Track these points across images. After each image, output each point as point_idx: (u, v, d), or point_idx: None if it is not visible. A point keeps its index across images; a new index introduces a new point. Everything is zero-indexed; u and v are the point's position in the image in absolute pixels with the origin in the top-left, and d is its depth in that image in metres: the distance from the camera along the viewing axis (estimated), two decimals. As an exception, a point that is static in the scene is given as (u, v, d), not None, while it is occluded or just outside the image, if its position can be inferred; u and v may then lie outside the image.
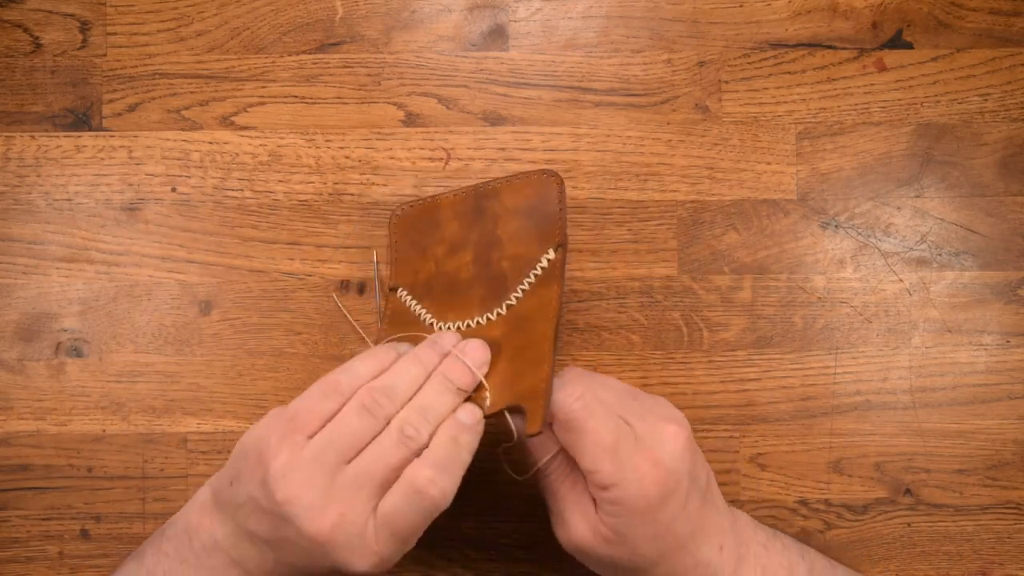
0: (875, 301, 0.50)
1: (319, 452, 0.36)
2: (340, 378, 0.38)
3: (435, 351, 0.40)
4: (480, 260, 0.45)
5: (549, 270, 0.43)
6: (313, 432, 0.37)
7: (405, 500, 0.36)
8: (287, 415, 0.37)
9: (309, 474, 0.35)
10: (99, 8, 0.51)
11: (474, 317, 0.43)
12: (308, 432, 0.36)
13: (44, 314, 0.50)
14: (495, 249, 0.45)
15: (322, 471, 0.35)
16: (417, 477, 0.36)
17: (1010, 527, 0.49)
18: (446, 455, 0.37)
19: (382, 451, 0.36)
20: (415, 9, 0.51)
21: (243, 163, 0.50)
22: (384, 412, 0.37)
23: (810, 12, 0.51)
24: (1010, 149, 0.51)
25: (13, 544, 0.49)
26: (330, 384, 0.38)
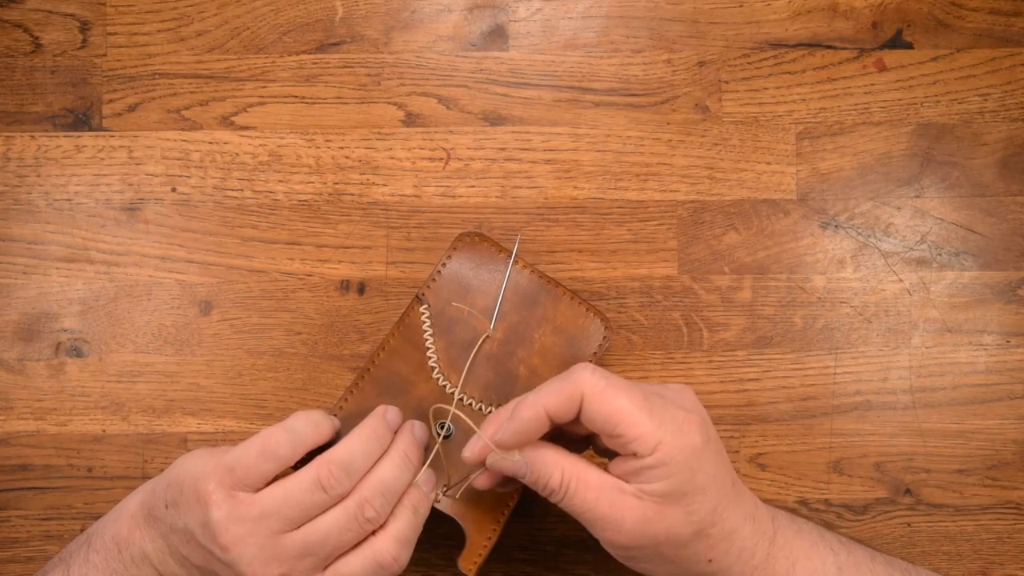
0: (875, 301, 0.50)
1: (265, 515, 0.36)
2: (281, 439, 0.37)
3: (385, 425, 0.40)
4: (506, 345, 0.44)
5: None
6: (254, 488, 0.37)
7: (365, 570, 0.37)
8: (226, 463, 0.37)
9: (253, 531, 0.36)
10: (99, 8, 0.51)
11: (471, 396, 0.44)
12: (248, 488, 0.36)
13: (44, 314, 0.50)
14: (524, 346, 0.44)
15: (267, 532, 0.36)
16: (383, 552, 0.37)
17: (1010, 527, 0.49)
18: (408, 528, 0.38)
19: (336, 528, 0.36)
20: (415, 9, 0.51)
21: (243, 163, 0.50)
22: (339, 490, 0.37)
23: (810, 12, 0.51)
24: (1010, 149, 0.51)
25: (13, 544, 0.49)
26: (270, 443, 0.37)
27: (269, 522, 0.36)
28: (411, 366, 0.44)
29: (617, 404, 0.36)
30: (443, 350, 0.44)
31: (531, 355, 0.44)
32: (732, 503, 0.38)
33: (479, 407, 0.43)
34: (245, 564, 0.35)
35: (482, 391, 0.44)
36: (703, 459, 0.36)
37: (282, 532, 0.36)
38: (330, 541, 0.36)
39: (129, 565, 0.39)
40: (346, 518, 0.36)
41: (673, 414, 0.36)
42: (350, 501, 0.37)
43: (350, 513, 0.37)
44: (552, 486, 0.37)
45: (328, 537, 0.36)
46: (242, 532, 0.35)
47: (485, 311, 0.45)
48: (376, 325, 0.50)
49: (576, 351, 0.45)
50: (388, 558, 0.37)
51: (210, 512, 0.36)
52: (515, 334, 0.45)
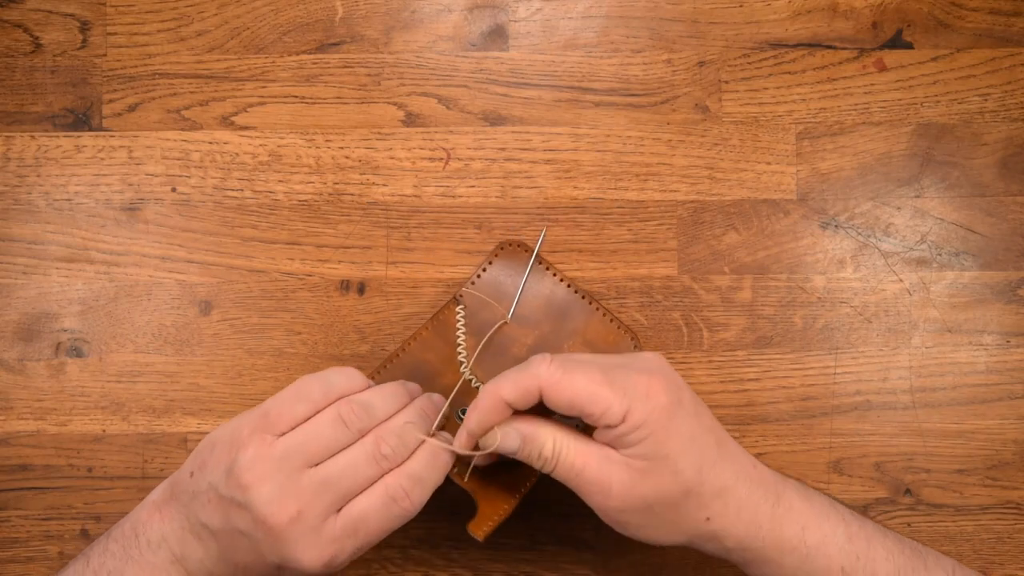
0: (875, 301, 0.50)
1: (288, 452, 0.36)
2: (314, 385, 0.39)
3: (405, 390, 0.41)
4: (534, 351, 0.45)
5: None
6: (282, 431, 0.37)
7: (378, 506, 0.37)
8: (260, 411, 0.38)
9: (275, 469, 0.36)
10: (99, 8, 0.51)
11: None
12: (279, 431, 0.37)
13: (44, 314, 0.50)
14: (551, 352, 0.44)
15: (287, 468, 0.36)
16: (395, 486, 0.37)
17: (1010, 527, 0.49)
18: (422, 468, 0.38)
19: (354, 463, 0.37)
20: (415, 9, 0.51)
21: (243, 163, 0.50)
22: (359, 426, 0.38)
23: (810, 12, 0.51)
24: (1010, 149, 0.51)
25: (13, 544, 0.49)
26: (304, 389, 0.39)
27: (291, 459, 0.36)
28: (440, 358, 0.45)
29: (575, 388, 0.37)
30: (472, 347, 0.45)
31: None
32: (721, 461, 0.38)
33: None
34: (263, 503, 0.35)
35: None
36: (676, 419, 0.37)
37: (302, 468, 0.36)
38: (346, 477, 0.37)
39: (145, 550, 0.38)
40: (363, 455, 0.37)
41: (635, 380, 0.37)
42: (368, 438, 0.38)
43: (367, 450, 0.37)
44: (545, 455, 0.38)
45: (344, 472, 0.37)
46: (264, 470, 0.36)
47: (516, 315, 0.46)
48: (376, 325, 0.50)
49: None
50: (399, 491, 0.37)
51: (238, 455, 0.36)
52: (545, 342, 0.46)
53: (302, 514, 0.36)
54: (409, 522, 0.49)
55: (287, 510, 0.36)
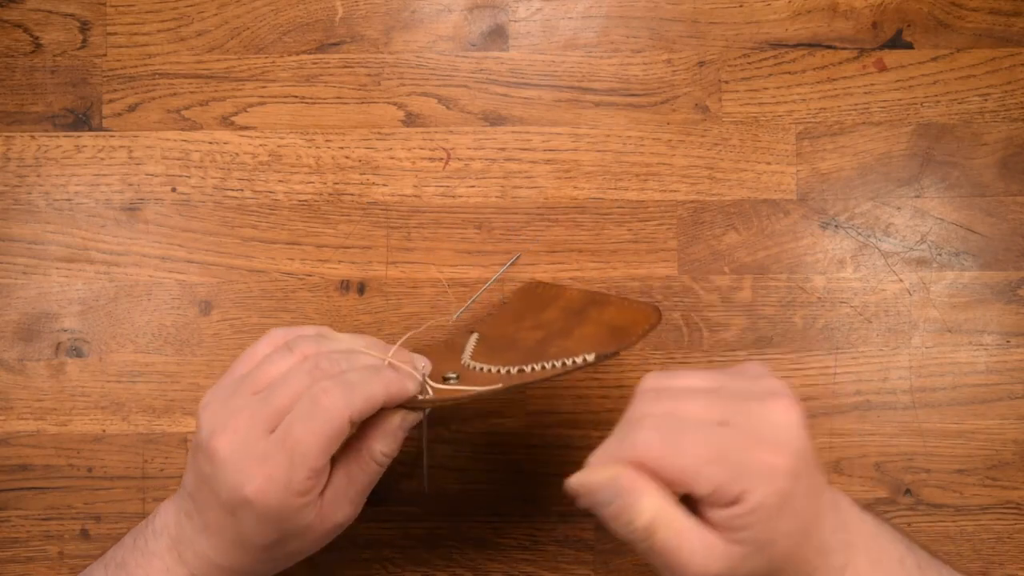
0: (875, 301, 0.50)
1: (237, 383, 0.36)
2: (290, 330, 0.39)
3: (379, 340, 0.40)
4: (544, 341, 0.43)
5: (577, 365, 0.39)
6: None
7: (299, 409, 0.35)
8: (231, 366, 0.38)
9: (221, 399, 0.36)
10: (99, 8, 0.51)
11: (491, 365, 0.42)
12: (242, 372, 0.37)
13: (44, 314, 0.50)
14: (560, 338, 0.43)
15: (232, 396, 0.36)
16: (315, 387, 0.35)
17: (1010, 527, 0.49)
18: (356, 377, 0.35)
19: (288, 377, 0.36)
20: (415, 9, 0.51)
21: (243, 163, 0.50)
22: (305, 351, 0.36)
23: (810, 12, 0.51)
24: (1010, 149, 0.51)
25: (13, 544, 0.49)
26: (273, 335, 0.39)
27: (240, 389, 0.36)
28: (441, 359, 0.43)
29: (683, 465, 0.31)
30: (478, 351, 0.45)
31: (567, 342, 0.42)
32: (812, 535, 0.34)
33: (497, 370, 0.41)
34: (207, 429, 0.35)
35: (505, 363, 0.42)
36: (793, 501, 0.32)
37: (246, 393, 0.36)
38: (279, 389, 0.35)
39: (151, 538, 0.38)
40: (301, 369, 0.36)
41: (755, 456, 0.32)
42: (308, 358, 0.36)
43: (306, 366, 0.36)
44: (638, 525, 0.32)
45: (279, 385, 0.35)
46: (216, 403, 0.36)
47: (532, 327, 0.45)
48: (376, 325, 0.50)
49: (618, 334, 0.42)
50: (318, 390, 0.34)
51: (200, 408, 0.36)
52: (554, 335, 0.43)
53: (236, 432, 0.34)
54: (409, 522, 0.49)
55: (225, 432, 0.35)
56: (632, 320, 0.42)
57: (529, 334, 0.45)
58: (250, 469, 0.34)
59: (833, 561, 0.34)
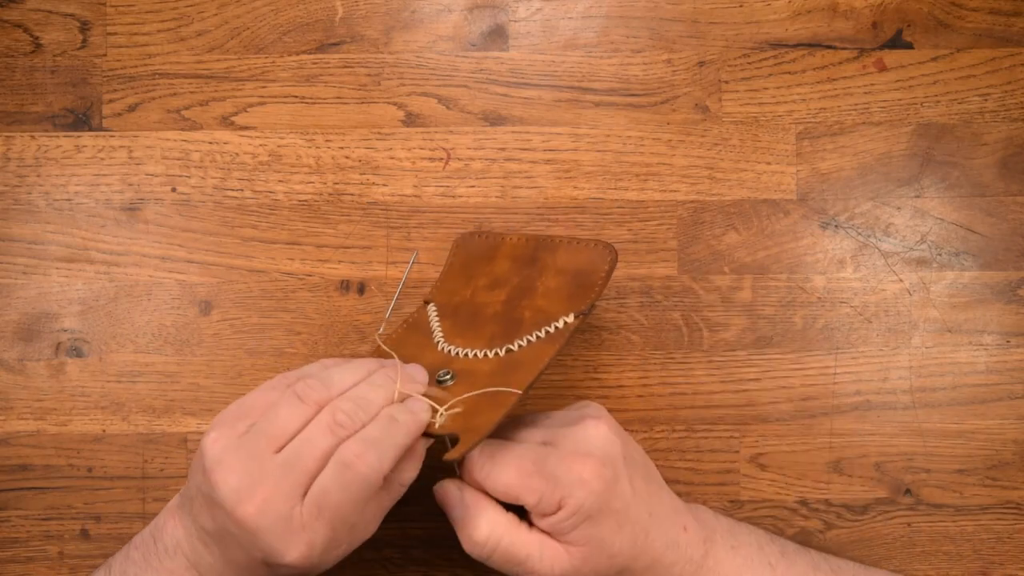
0: (875, 301, 0.50)
1: (251, 438, 0.35)
2: (290, 376, 0.38)
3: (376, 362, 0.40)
4: (510, 302, 0.44)
5: (561, 332, 0.41)
6: (255, 420, 0.37)
7: (332, 476, 0.35)
8: (235, 404, 0.37)
9: (239, 459, 0.35)
10: (99, 8, 0.51)
11: (476, 349, 0.42)
12: (249, 420, 0.37)
13: (44, 314, 0.50)
14: (527, 296, 0.44)
15: (251, 456, 0.35)
16: (345, 451, 0.35)
17: (1010, 527, 0.49)
18: (379, 432, 0.36)
19: (310, 437, 0.35)
20: (415, 9, 0.51)
21: (243, 163, 0.51)
22: (315, 397, 0.37)
23: (810, 12, 0.51)
24: (1010, 149, 0.51)
25: (13, 544, 0.49)
26: (279, 379, 0.38)
27: (254, 445, 0.35)
28: (417, 348, 0.44)
29: (507, 480, 0.37)
30: (449, 328, 0.44)
31: (535, 299, 0.43)
32: (652, 531, 0.39)
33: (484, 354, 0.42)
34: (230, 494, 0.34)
35: (488, 341, 0.42)
36: (612, 501, 0.37)
37: (265, 453, 0.35)
38: (304, 453, 0.35)
39: (163, 556, 0.38)
40: (319, 427, 0.36)
41: (569, 467, 0.37)
42: (324, 410, 0.36)
43: (323, 421, 0.36)
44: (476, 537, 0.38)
45: (303, 447, 0.35)
46: (229, 461, 0.35)
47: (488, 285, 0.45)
48: (376, 325, 0.50)
49: (583, 281, 0.43)
50: (349, 455, 0.35)
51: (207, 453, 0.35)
52: (517, 291, 0.44)
53: (268, 502, 0.34)
54: (409, 522, 0.49)
55: (254, 501, 0.34)
56: (589, 261, 0.43)
57: (490, 296, 0.45)
58: (289, 537, 0.35)
59: (690, 553, 0.40)
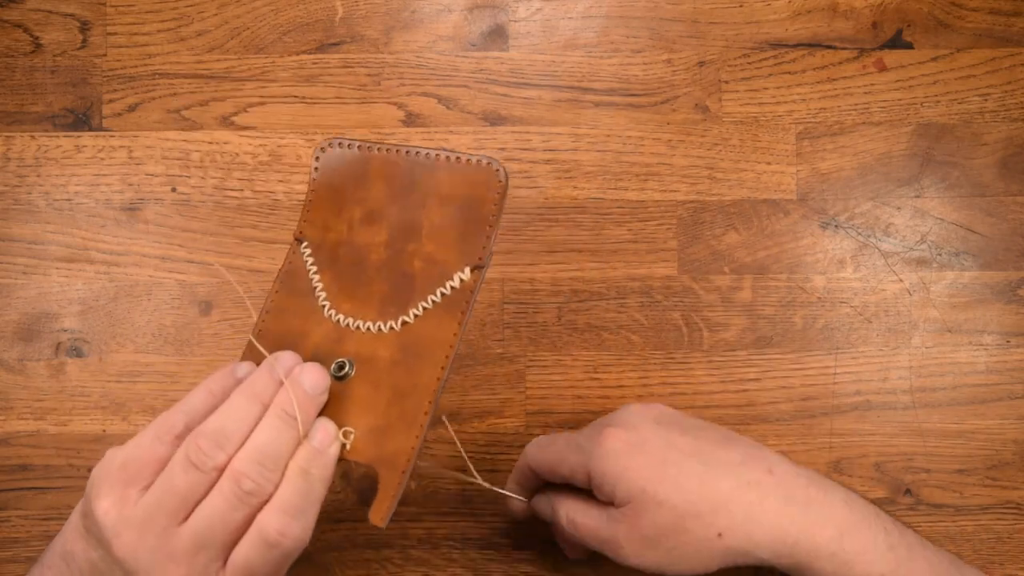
0: (875, 301, 0.50)
1: (150, 513, 0.33)
2: (175, 418, 0.34)
3: (272, 377, 0.35)
4: (393, 245, 0.38)
5: (458, 293, 0.37)
6: (147, 482, 0.33)
7: (257, 552, 0.33)
8: (119, 461, 0.34)
9: (142, 535, 0.33)
10: (99, 8, 0.51)
11: (367, 320, 0.38)
12: (141, 483, 0.33)
13: (44, 314, 0.50)
14: (412, 237, 0.38)
15: (155, 533, 0.33)
16: (267, 529, 0.33)
17: (1010, 527, 0.49)
18: (297, 496, 0.33)
19: (219, 511, 0.33)
20: (415, 9, 0.51)
21: (243, 163, 0.50)
22: (212, 463, 0.33)
23: (810, 12, 0.51)
24: (1010, 149, 0.51)
25: (13, 544, 0.49)
26: (164, 426, 0.34)
27: (155, 519, 0.32)
28: (301, 316, 0.39)
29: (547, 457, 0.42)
30: (331, 282, 0.39)
31: (422, 243, 0.38)
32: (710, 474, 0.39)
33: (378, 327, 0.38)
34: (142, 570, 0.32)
35: (379, 308, 0.38)
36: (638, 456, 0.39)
37: (169, 527, 0.32)
38: (217, 526, 0.32)
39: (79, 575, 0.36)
40: (224, 497, 0.33)
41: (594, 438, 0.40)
42: (225, 476, 0.33)
43: (226, 490, 0.33)
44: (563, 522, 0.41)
45: (214, 522, 0.32)
46: (132, 538, 0.32)
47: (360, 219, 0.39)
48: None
49: (472, 215, 0.38)
50: (272, 533, 0.32)
51: (101, 521, 0.33)
52: (399, 230, 0.38)
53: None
54: (409, 522, 0.49)
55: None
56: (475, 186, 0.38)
57: (370, 234, 0.39)
58: None
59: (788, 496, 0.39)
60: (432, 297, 0.37)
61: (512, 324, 0.50)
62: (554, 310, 0.50)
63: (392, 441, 0.35)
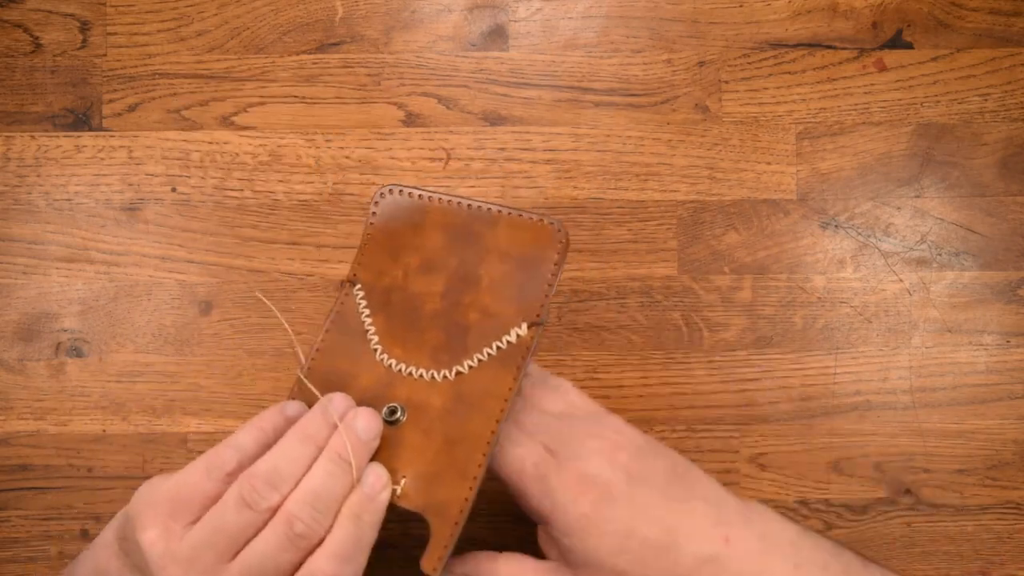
0: (875, 301, 0.50)
1: (197, 550, 0.33)
2: (226, 454, 0.34)
3: (325, 420, 0.35)
4: (450, 296, 0.39)
5: (514, 348, 0.37)
6: (194, 517, 0.33)
7: None
8: (168, 493, 0.34)
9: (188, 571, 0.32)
10: (99, 8, 0.51)
11: (420, 367, 0.38)
12: (188, 518, 0.33)
13: (44, 314, 0.50)
14: (470, 289, 0.39)
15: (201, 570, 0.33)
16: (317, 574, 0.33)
17: (1010, 527, 0.49)
18: (348, 541, 0.34)
19: (270, 552, 0.33)
20: (415, 9, 0.51)
21: (243, 163, 0.51)
22: (266, 504, 0.33)
23: (810, 12, 0.51)
24: (1010, 149, 0.51)
25: (13, 544, 0.49)
26: (216, 462, 0.34)
27: (204, 556, 0.33)
28: (351, 358, 0.39)
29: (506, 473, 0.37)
30: (383, 326, 0.39)
31: (480, 295, 0.38)
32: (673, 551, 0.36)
33: (431, 375, 0.38)
34: None
35: (432, 356, 0.38)
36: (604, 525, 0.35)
37: (218, 565, 0.33)
38: (268, 567, 0.33)
39: None
40: (275, 538, 0.33)
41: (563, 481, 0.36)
42: (277, 518, 0.33)
43: (279, 532, 0.33)
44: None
45: (264, 563, 0.33)
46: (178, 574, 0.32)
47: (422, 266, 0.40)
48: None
49: (531, 272, 0.38)
50: None
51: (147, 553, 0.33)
52: (457, 280, 0.39)
53: None
54: (409, 522, 0.49)
55: None
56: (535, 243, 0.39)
57: (426, 283, 0.39)
58: None
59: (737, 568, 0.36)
60: (488, 350, 0.37)
61: (512, 324, 0.50)
62: (554, 310, 0.50)
63: (443, 489, 0.35)
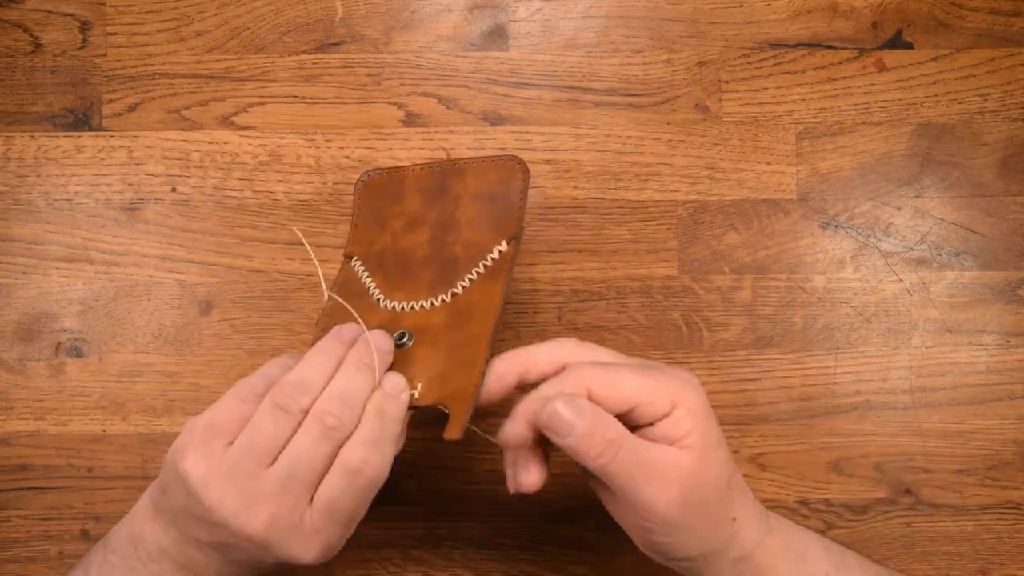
0: (875, 301, 0.50)
1: (238, 459, 0.35)
2: (255, 380, 0.37)
3: (339, 341, 0.38)
4: (435, 241, 0.43)
5: (499, 263, 0.41)
6: (232, 438, 0.36)
7: (342, 484, 0.35)
8: (203, 422, 0.36)
9: (232, 482, 0.35)
10: (99, 8, 0.51)
11: (419, 300, 0.42)
12: (226, 438, 0.36)
13: (44, 314, 0.50)
14: (451, 231, 0.43)
15: (243, 477, 0.35)
16: (350, 459, 0.35)
17: (1010, 527, 0.49)
18: (376, 430, 0.36)
19: (305, 448, 0.35)
20: (415, 9, 0.51)
21: (243, 163, 0.51)
22: (298, 406, 0.36)
23: (810, 12, 0.51)
24: (1010, 149, 0.51)
25: (13, 544, 0.49)
26: (246, 387, 0.37)
27: (244, 464, 0.35)
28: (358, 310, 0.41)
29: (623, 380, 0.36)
30: (383, 281, 0.43)
31: (461, 233, 0.43)
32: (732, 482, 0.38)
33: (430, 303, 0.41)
34: (233, 517, 0.34)
35: (428, 288, 0.42)
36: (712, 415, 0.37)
37: (256, 471, 0.35)
38: (303, 463, 0.35)
39: (147, 561, 0.38)
40: (309, 436, 0.35)
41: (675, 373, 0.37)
42: (310, 417, 0.36)
43: (312, 429, 0.35)
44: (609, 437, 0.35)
45: (299, 459, 0.35)
46: (221, 486, 0.34)
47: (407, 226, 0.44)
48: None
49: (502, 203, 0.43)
50: (355, 461, 0.35)
51: (189, 477, 0.35)
52: (439, 228, 0.43)
53: (275, 517, 0.35)
54: (409, 522, 0.49)
55: (259, 518, 0.34)
56: (500, 180, 0.43)
57: (412, 238, 0.44)
58: (304, 542, 0.35)
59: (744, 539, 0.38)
60: (476, 270, 0.41)
61: (512, 324, 0.50)
62: (554, 310, 0.50)
63: (454, 382, 0.38)
